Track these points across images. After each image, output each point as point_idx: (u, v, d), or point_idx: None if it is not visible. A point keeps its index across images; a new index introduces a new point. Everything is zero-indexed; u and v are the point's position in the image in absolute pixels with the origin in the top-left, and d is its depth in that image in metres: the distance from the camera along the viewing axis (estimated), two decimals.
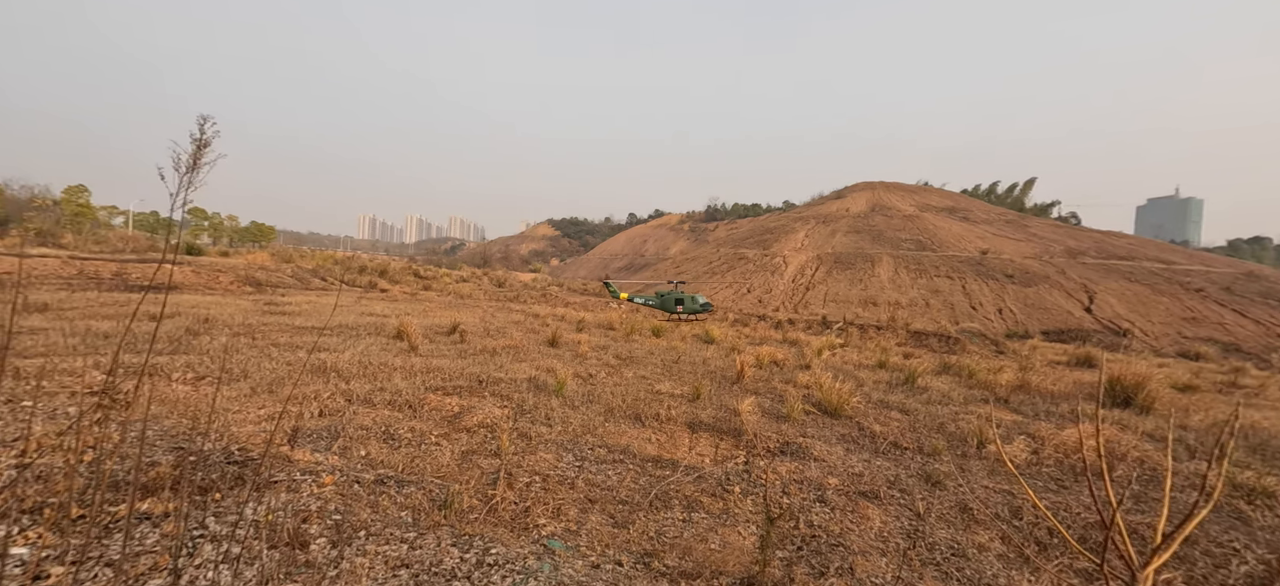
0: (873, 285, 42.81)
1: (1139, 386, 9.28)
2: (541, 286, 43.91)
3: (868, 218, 61.83)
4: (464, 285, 34.38)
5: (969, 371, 11.96)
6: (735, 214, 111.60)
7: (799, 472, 5.03)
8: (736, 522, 3.91)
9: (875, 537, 3.86)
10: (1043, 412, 8.52)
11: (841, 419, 7.27)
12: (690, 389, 8.04)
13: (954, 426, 7.15)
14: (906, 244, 51.32)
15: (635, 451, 5.26)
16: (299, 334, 9.87)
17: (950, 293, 40.72)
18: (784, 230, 63.68)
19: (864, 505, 4.39)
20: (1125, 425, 7.58)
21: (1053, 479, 5.48)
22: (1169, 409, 9.15)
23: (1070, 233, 58.51)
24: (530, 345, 11.24)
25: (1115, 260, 46.79)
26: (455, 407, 5.96)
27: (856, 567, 3.28)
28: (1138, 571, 1.07)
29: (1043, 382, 11.18)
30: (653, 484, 4.45)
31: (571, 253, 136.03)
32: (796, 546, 3.60)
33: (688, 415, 6.68)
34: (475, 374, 7.70)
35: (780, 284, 46.35)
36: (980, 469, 5.55)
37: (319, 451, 4.30)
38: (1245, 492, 5.12)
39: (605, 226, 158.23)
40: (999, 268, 44.45)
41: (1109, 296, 38.98)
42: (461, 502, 3.62)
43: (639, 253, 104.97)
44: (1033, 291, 40.02)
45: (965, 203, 71.82)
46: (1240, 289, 40.26)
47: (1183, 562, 3.79)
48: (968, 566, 3.55)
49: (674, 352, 12.10)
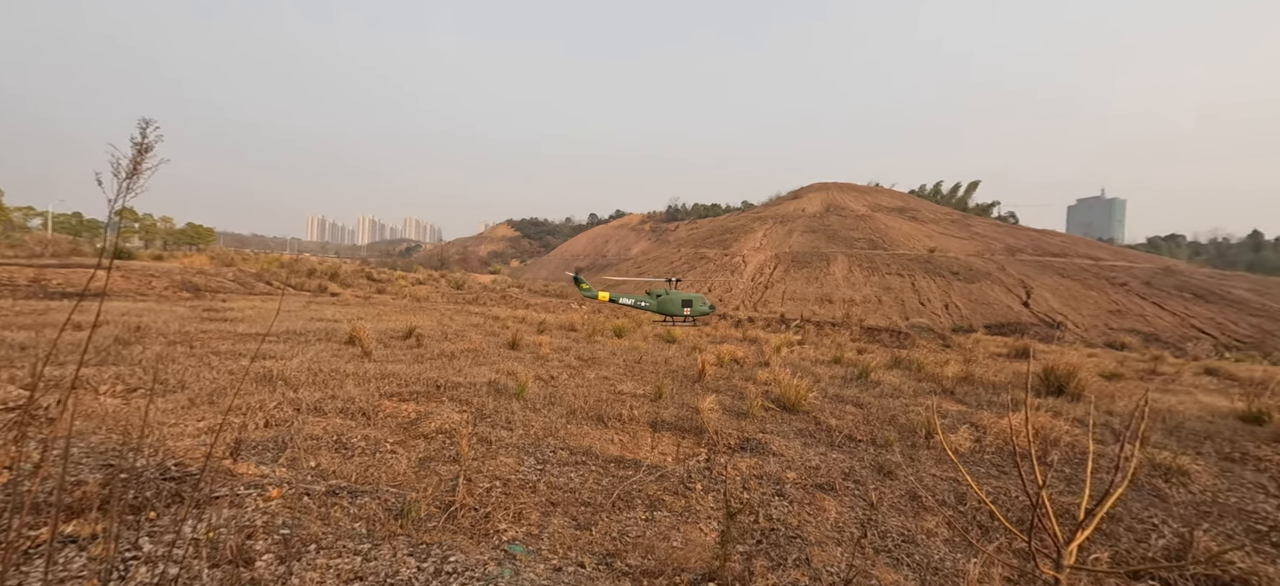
0: (828, 283, 44.09)
1: (1070, 375, 9.90)
2: (501, 288, 43.21)
3: (823, 218, 63.63)
4: (420, 288, 33.47)
5: (918, 365, 12.48)
6: (696, 214, 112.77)
7: (759, 468, 5.14)
8: (698, 519, 3.96)
9: (831, 528, 3.99)
10: (985, 402, 8.97)
11: (799, 414, 7.46)
12: (652, 388, 8.09)
13: (904, 418, 7.45)
14: (860, 243, 53.10)
15: (598, 452, 5.25)
16: (242, 341, 9.39)
17: (901, 289, 42.38)
18: (743, 230, 64.80)
19: (821, 497, 4.52)
20: (1058, 412, 8.07)
21: (994, 465, 5.78)
22: (1097, 396, 9.80)
23: (1010, 231, 61.89)
24: (490, 348, 11.05)
25: (1049, 257, 49.78)
26: (412, 414, 5.81)
27: (813, 558, 3.38)
28: (1062, 547, 1.15)
29: (985, 374, 11.78)
30: (615, 484, 4.45)
31: (532, 253, 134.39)
32: (756, 540, 3.68)
33: (650, 414, 6.72)
34: (433, 379, 7.52)
35: (740, 283, 47.14)
36: (929, 458, 5.80)
37: (265, 463, 4.11)
38: (1163, 472, 5.55)
39: (566, 227, 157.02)
40: (945, 265, 46.54)
41: (1044, 291, 41.45)
42: (419, 511, 3.53)
43: (601, 253, 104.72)
44: (976, 287, 42.12)
45: (914, 203, 74.89)
46: (1158, 283, 43.55)
47: (1108, 538, 4.08)
48: (917, 552, 3.71)
49: (636, 353, 12.13)
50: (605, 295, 22.97)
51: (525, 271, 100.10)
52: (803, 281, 45.04)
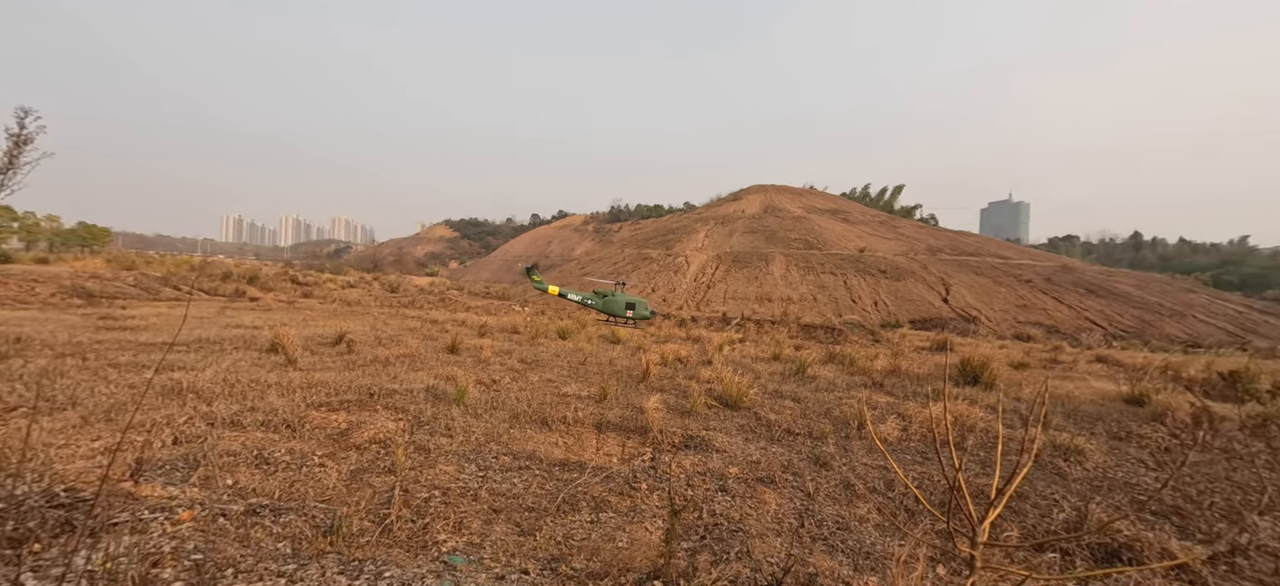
0: (768, 282, 45.53)
1: (984, 366, 10.71)
2: (440, 290, 41.74)
3: (762, 219, 65.63)
4: (351, 291, 31.78)
5: (850, 360, 13.11)
6: (639, 215, 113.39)
7: (702, 464, 5.23)
8: (644, 518, 3.98)
9: (771, 519, 4.12)
10: (911, 393, 9.55)
11: (741, 410, 7.66)
12: (597, 390, 8.06)
13: (839, 411, 7.81)
14: (796, 243, 55.18)
15: (542, 456, 5.18)
16: (145, 351, 8.57)
17: (834, 288, 44.40)
18: (686, 231, 65.79)
19: (762, 490, 4.66)
20: (974, 400, 8.70)
21: (919, 452, 6.16)
22: (1007, 384, 10.66)
23: (931, 232, 66.22)
24: (428, 353, 10.65)
25: (966, 256, 53.68)
26: (342, 424, 5.50)
27: (754, 549, 3.48)
28: (976, 526, 1.25)
29: (911, 367, 12.53)
30: (560, 487, 4.40)
31: (472, 254, 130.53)
32: (700, 535, 3.74)
33: (595, 416, 6.69)
34: (366, 386, 7.15)
35: (683, 283, 47.84)
36: (861, 448, 6.11)
37: (173, 484, 3.77)
38: (1063, 452, 6.10)
39: (507, 227, 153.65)
40: (874, 264, 49.18)
41: (961, 288, 44.64)
42: (351, 526, 3.35)
43: (543, 253, 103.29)
44: (902, 285, 44.78)
45: (845, 205, 78.66)
46: (1057, 279, 47.92)
47: (1018, 515, 4.44)
48: (851, 538, 3.89)
49: (580, 354, 12.05)
50: (555, 289, 24.24)
51: (465, 273, 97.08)
52: (743, 281, 46.27)
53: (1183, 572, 3.58)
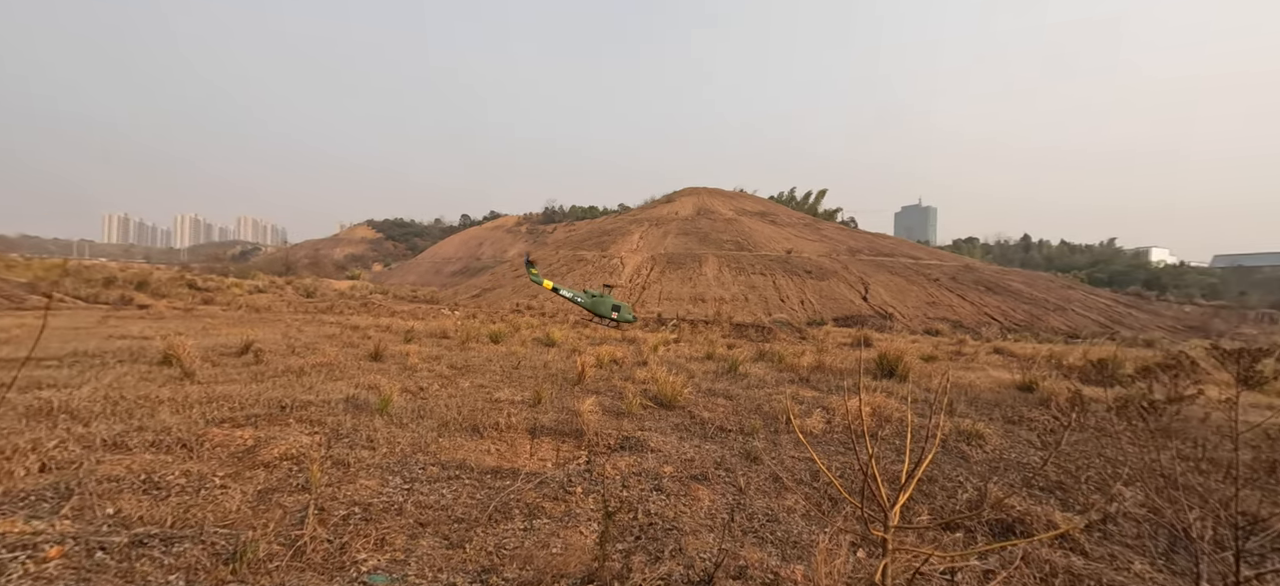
0: (701, 283, 46.53)
1: (899, 360, 11.47)
2: (362, 295, 39.46)
3: (694, 220, 66.97)
4: (260, 296, 29.38)
5: (779, 357, 13.65)
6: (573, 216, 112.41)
7: (637, 465, 5.25)
8: (578, 523, 3.94)
9: (705, 516, 4.20)
10: (834, 387, 10.06)
11: (675, 409, 7.77)
12: (531, 394, 7.90)
13: (768, 406, 8.09)
14: (728, 245, 56.76)
15: (473, 464, 5.01)
16: (4, 368, 7.51)
17: (764, 288, 46.08)
18: (620, 232, 65.98)
19: (695, 487, 4.74)
20: (891, 392, 9.31)
21: (842, 443, 6.51)
22: (918, 376, 11.48)
23: (851, 235, 70.25)
24: (348, 361, 10.03)
25: (882, 256, 57.37)
26: (248, 440, 5.06)
27: (688, 546, 3.53)
28: (888, 508, 1.33)
29: (835, 362, 13.22)
30: (492, 496, 4.27)
31: (397, 256, 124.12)
32: (635, 536, 3.75)
33: (529, 421, 6.56)
34: (276, 399, 6.63)
35: (618, 284, 47.94)
36: (789, 442, 6.36)
37: (39, 517, 3.32)
38: (966, 437, 6.65)
39: (436, 228, 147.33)
40: (801, 265, 51.49)
41: (879, 287, 47.68)
42: (257, 550, 3.08)
43: (474, 255, 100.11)
44: (826, 285, 47.19)
45: (773, 208, 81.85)
46: (961, 278, 52.26)
47: (928, 497, 4.79)
48: (779, 529, 4.04)
49: (514, 358, 11.78)
50: (549, 284, 26.60)
51: (390, 276, 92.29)
52: (678, 281, 47.03)
53: (1065, 540, 4.00)
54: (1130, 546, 4.07)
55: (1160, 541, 4.14)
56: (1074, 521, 4.25)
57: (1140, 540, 4.18)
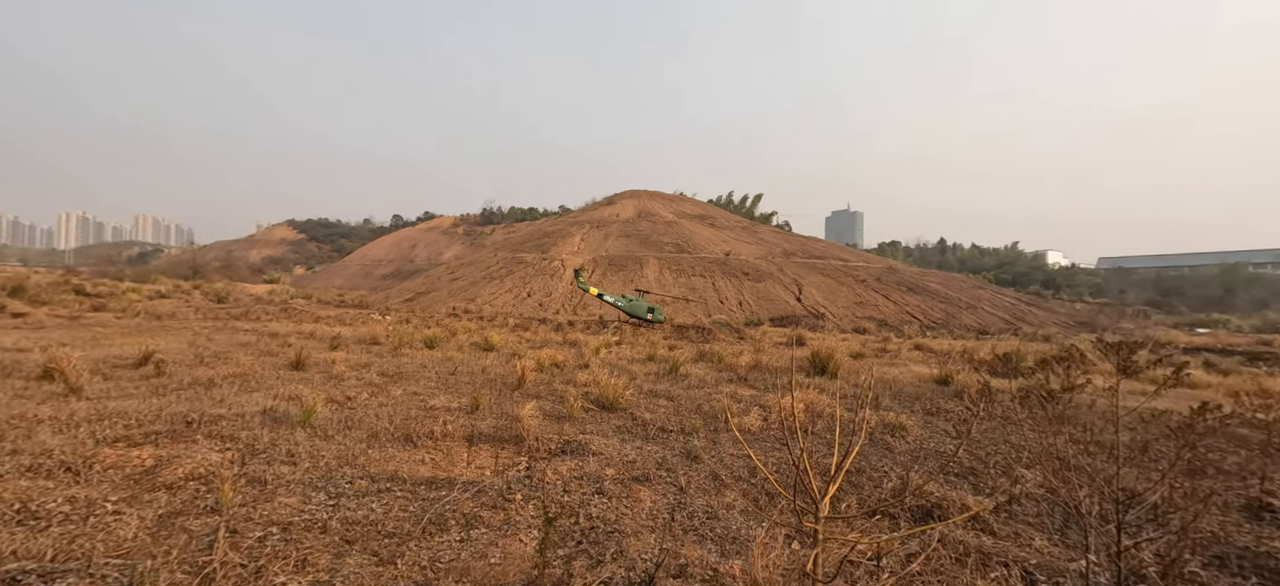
0: (642, 285, 46.83)
1: (830, 358, 12.02)
2: (282, 300, 36.90)
3: (635, 223, 67.36)
4: (163, 302, 26.85)
5: (719, 357, 13.96)
6: (512, 217, 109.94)
7: (579, 469, 5.21)
8: (518, 531, 3.85)
9: (646, 517, 4.22)
10: (771, 385, 10.40)
11: (617, 411, 7.77)
12: (469, 400, 7.67)
13: (708, 406, 8.26)
14: (668, 247, 57.48)
15: (406, 476, 4.79)
16: None
17: (704, 289, 47.01)
18: (561, 234, 65.32)
19: (637, 489, 4.76)
20: (823, 389, 9.73)
21: (778, 439, 6.73)
22: (847, 372, 12.07)
23: (785, 238, 72.99)
24: (266, 371, 9.35)
25: (814, 259, 59.99)
26: (147, 460, 4.60)
27: (629, 548, 3.53)
28: (818, 499, 1.39)
29: (771, 361, 13.67)
30: (427, 507, 4.11)
31: (322, 259, 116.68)
32: (577, 541, 3.71)
33: (466, 428, 6.36)
34: (181, 414, 6.07)
35: (560, 287, 47.44)
36: (728, 440, 6.51)
37: None
38: (890, 429, 7.06)
39: (365, 229, 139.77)
40: (739, 267, 52.92)
41: (812, 288, 49.82)
42: (157, 581, 2.81)
43: (407, 258, 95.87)
44: (763, 286, 48.77)
45: (712, 211, 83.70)
46: (885, 279, 55.53)
47: (857, 488, 5.05)
48: (719, 525, 4.13)
49: (450, 364, 11.39)
50: (595, 290, 29.23)
51: (313, 279, 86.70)
52: (619, 283, 47.10)
53: (976, 522, 4.33)
54: (1031, 524, 4.46)
55: (1056, 518, 4.56)
56: (984, 504, 4.61)
57: (1040, 518, 4.59)
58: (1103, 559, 3.46)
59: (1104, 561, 3.43)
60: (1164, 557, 3.60)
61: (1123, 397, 9.32)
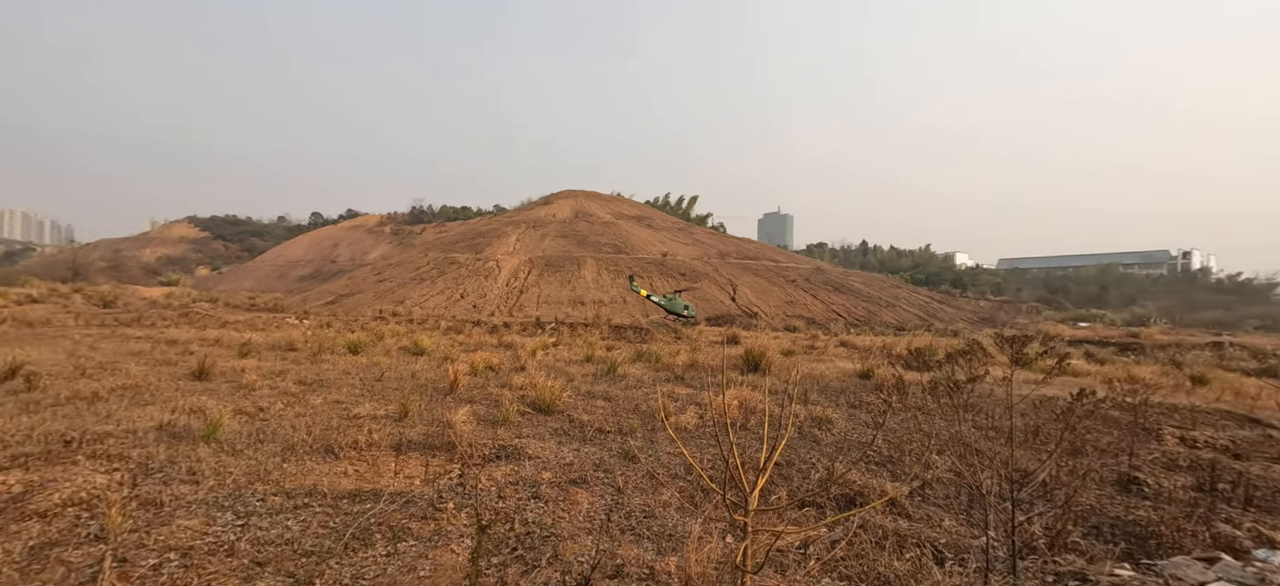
0: (580, 285, 46.54)
1: (762, 355, 12.46)
2: (182, 303, 33.64)
3: (573, 223, 66.83)
4: (35, 307, 23.79)
5: (656, 357, 14.11)
6: (444, 216, 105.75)
7: (515, 474, 5.10)
8: (450, 541, 3.73)
9: (584, 519, 4.20)
10: (707, 383, 10.64)
11: (555, 414, 7.68)
12: (397, 407, 7.32)
13: (646, 406, 8.33)
14: (606, 247, 57.45)
15: (326, 490, 4.51)
16: None
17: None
18: (496, 234, 63.71)
19: (575, 492, 4.73)
20: (756, 386, 10.06)
21: (713, 436, 6.90)
22: (779, 369, 12.56)
23: (720, 239, 74.89)
24: (162, 382, 8.51)
25: (748, 259, 61.94)
26: (14, 487, 4.07)
27: (566, 552, 3.51)
28: (748, 494, 1.44)
29: (707, 359, 13.99)
30: (349, 522, 3.88)
31: (229, 259, 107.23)
32: (511, 548, 3.64)
33: (394, 436, 6.07)
34: (58, 432, 5.41)
35: (495, 288, 46.26)
36: (665, 439, 6.60)
37: None
38: (818, 422, 7.41)
39: (280, 227, 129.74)
40: (675, 267, 53.75)
41: (745, 288, 51.41)
42: None
43: (329, 258, 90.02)
44: (699, 286, 49.77)
45: (649, 212, 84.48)
46: (813, 279, 58.26)
47: (786, 479, 5.26)
48: (655, 523, 4.18)
49: (377, 369, 10.84)
50: (645, 291, 32.88)
51: (220, 281, 79.52)
52: (556, 284, 46.56)
53: (893, 506, 4.63)
54: (941, 506, 4.83)
55: (963, 499, 4.97)
56: (900, 489, 4.94)
57: (948, 500, 4.98)
58: (1000, 534, 3.80)
59: (1002, 536, 3.77)
60: (1051, 529, 4.01)
61: (1017, 386, 10.25)
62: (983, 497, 3.78)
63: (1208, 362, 15.37)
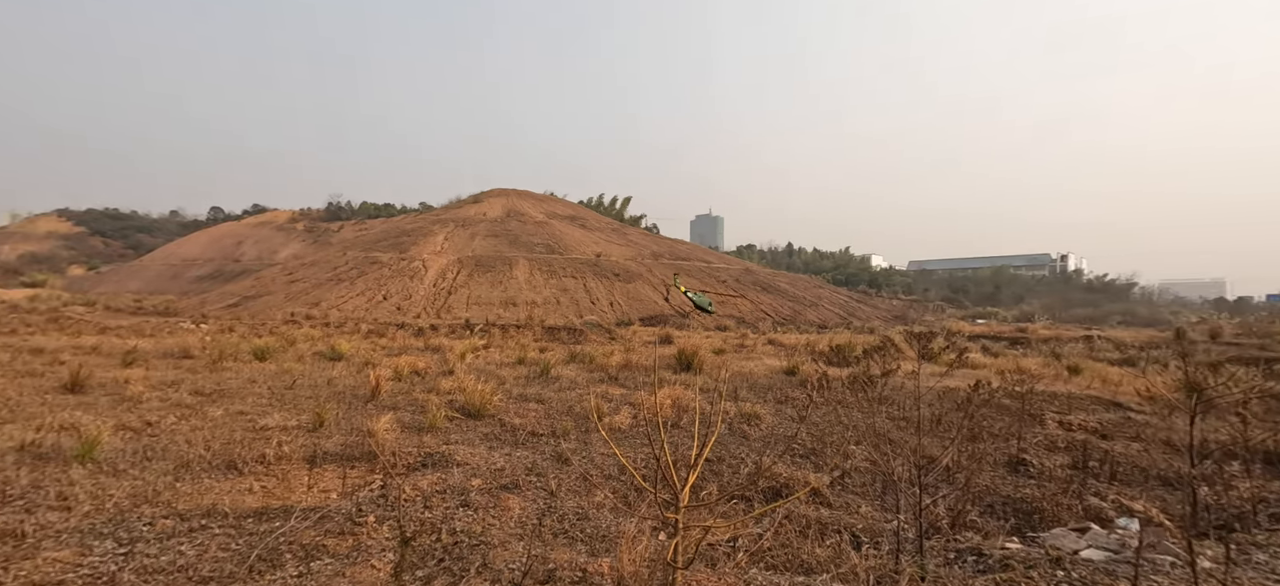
0: (512, 286, 45.52)
1: (695, 354, 12.74)
2: (51, 307, 29.70)
3: (504, 222, 65.25)
4: None
5: (590, 358, 14.05)
6: (365, 213, 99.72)
7: (442, 482, 4.91)
8: (370, 556, 3.52)
9: (515, 525, 4.11)
10: (641, 383, 10.73)
11: (485, 418, 7.47)
12: (311, 417, 6.84)
13: (579, 407, 8.27)
14: (539, 248, 56.54)
15: (228, 509, 4.14)
16: None
17: (575, 291, 46.99)
18: (422, 232, 61.00)
19: (505, 497, 4.61)
20: (688, 384, 10.26)
21: (647, 436, 6.96)
22: (711, 368, 12.88)
23: (654, 240, 75.76)
24: (25, 396, 7.48)
25: (680, 260, 63.07)
26: None
27: (495, 560, 3.42)
28: (678, 489, 1.47)
29: (641, 359, 14.09)
30: (254, 543, 3.58)
31: (111, 257, 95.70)
32: (438, 559, 3.50)
33: (307, 448, 5.67)
34: None
35: (421, 289, 44.27)
36: (599, 441, 6.58)
37: None
38: (747, 418, 7.66)
39: (173, 223, 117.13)
40: (610, 268, 53.77)
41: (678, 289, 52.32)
42: None
43: (231, 256, 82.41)
44: (633, 287, 50.08)
45: (583, 212, 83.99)
46: (743, 280, 60.25)
47: (717, 475, 5.41)
48: (589, 525, 4.16)
49: (288, 376, 10.07)
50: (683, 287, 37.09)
51: (99, 282, 70.76)
52: (487, 285, 45.27)
53: (816, 496, 4.87)
54: (858, 494, 5.14)
55: (878, 486, 5.31)
56: (822, 480, 5.21)
57: (865, 487, 5.31)
58: (910, 517, 4.10)
59: (911, 519, 4.07)
60: (953, 510, 4.37)
61: (924, 379, 11.05)
62: (895, 483, 4.06)
63: (1081, 354, 17.35)
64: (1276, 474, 5.58)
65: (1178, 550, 3.30)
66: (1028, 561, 3.32)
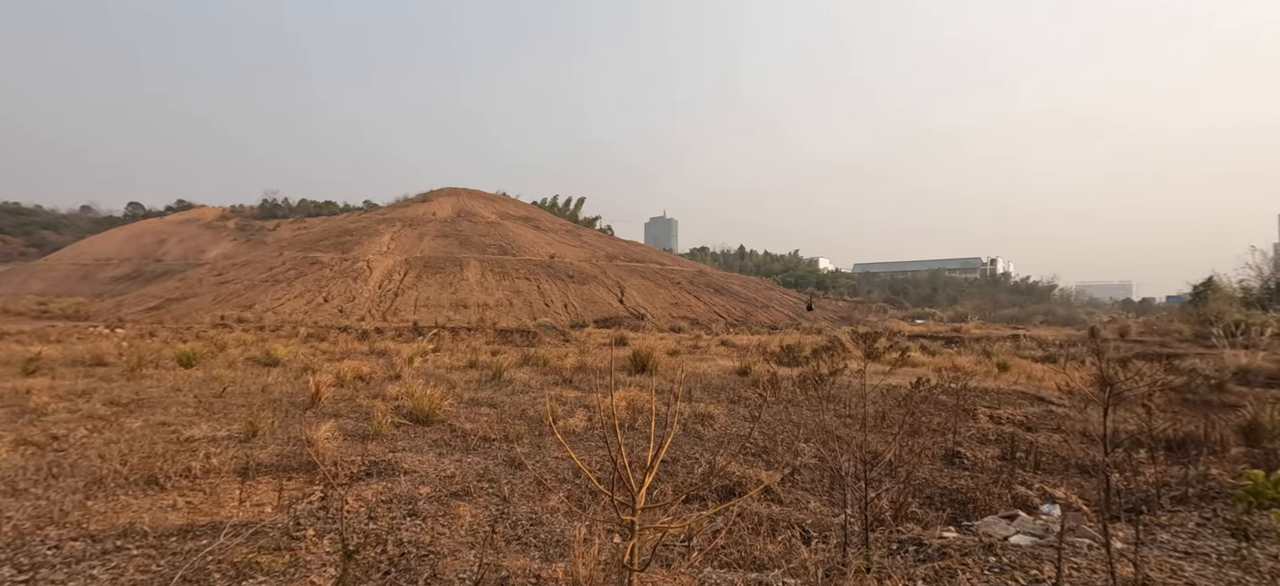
0: (463, 288, 44.39)
1: (649, 356, 12.79)
2: None
3: (455, 222, 63.59)
4: None
5: (544, 360, 13.87)
6: (304, 211, 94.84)
7: (388, 491, 4.72)
8: (309, 572, 3.34)
9: (466, 533, 3.99)
10: (596, 385, 10.67)
11: (434, 424, 7.23)
12: (243, 426, 6.43)
13: (533, 411, 8.15)
14: (491, 249, 55.38)
15: (148, 527, 3.83)
16: None
17: (529, 292, 46.30)
18: (367, 232, 58.58)
19: (456, 505, 4.48)
20: (644, 386, 10.30)
21: (602, 438, 6.93)
22: (665, 369, 12.97)
23: (608, 241, 75.68)
24: None
25: (635, 262, 63.27)
26: None
27: (445, 570, 3.31)
28: (634, 491, 1.47)
29: (595, 361, 14.03)
30: (178, 564, 3.33)
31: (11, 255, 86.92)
32: (384, 571, 3.35)
33: (238, 460, 5.32)
34: None
35: (366, 291, 42.48)
36: (553, 444, 6.50)
37: None
38: (701, 419, 7.75)
39: (84, 219, 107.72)
40: (564, 270, 53.30)
41: (633, 290, 52.44)
42: None
43: (152, 256, 76.42)
44: (587, 288, 49.83)
45: (536, 213, 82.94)
46: (697, 282, 61.09)
47: (672, 475, 5.44)
48: (543, 530, 4.09)
49: (217, 383, 9.44)
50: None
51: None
52: (437, 287, 43.95)
53: (768, 493, 4.98)
54: (808, 490, 5.30)
55: (826, 482, 5.49)
56: (773, 477, 5.33)
57: (814, 483, 5.47)
58: (856, 511, 4.25)
59: (857, 512, 4.22)
60: (895, 503, 4.56)
61: (868, 377, 11.50)
62: (842, 479, 4.21)
63: (1008, 352, 18.54)
64: (1178, 460, 6.13)
65: (1094, 533, 3.57)
66: (963, 549, 3.51)
